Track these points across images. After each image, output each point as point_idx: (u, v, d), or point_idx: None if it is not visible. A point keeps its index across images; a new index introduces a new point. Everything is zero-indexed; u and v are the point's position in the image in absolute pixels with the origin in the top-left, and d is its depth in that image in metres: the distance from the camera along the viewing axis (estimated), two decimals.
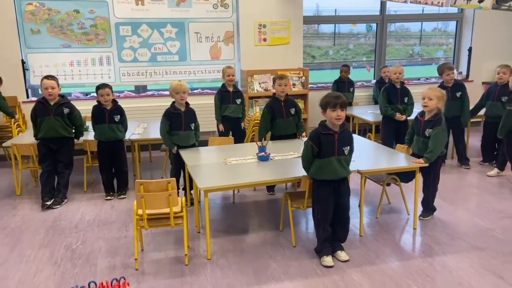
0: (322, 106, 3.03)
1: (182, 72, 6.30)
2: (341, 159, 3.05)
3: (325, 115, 3.02)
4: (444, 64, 5.39)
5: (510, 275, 2.92)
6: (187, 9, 6.13)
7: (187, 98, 4.07)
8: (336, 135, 3.01)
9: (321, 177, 3.08)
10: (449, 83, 5.08)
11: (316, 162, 3.06)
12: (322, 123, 3.07)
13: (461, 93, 5.05)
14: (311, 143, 3.03)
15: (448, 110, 5.04)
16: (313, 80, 6.85)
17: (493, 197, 4.33)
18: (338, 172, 3.06)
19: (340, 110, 2.96)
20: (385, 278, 2.93)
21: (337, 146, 3.02)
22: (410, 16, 7.65)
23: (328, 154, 3.02)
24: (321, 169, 3.05)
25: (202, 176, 3.36)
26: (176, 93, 3.99)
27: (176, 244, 3.46)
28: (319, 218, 3.15)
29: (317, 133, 3.04)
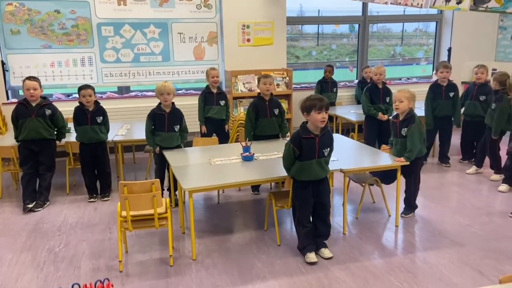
0: (305, 109, 3.03)
1: (166, 72, 6.28)
2: (321, 161, 3.09)
3: (309, 118, 3.04)
4: (441, 62, 5.49)
5: (488, 270, 3.00)
6: (170, 10, 6.11)
7: (173, 99, 4.07)
8: (317, 138, 3.04)
9: (301, 178, 3.12)
10: (443, 82, 5.15)
11: (296, 163, 3.09)
12: (304, 126, 3.09)
13: (454, 93, 5.13)
14: (292, 146, 3.06)
15: (440, 109, 5.15)
16: (297, 80, 6.90)
17: (472, 194, 4.44)
18: (318, 174, 3.10)
19: (325, 112, 3.00)
20: (368, 274, 2.98)
21: (318, 149, 3.05)
22: (392, 17, 7.77)
23: (309, 157, 3.05)
24: (301, 170, 3.09)
25: (187, 177, 3.37)
26: (160, 94, 3.98)
27: (161, 245, 3.45)
28: (298, 215, 3.20)
29: (298, 136, 3.06)
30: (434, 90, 5.17)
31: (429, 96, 5.17)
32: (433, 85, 5.24)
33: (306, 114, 3.04)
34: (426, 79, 7.63)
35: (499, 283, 1.78)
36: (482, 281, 2.86)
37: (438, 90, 5.15)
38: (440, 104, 5.14)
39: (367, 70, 6.47)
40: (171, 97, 4.02)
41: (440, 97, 5.13)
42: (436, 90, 5.16)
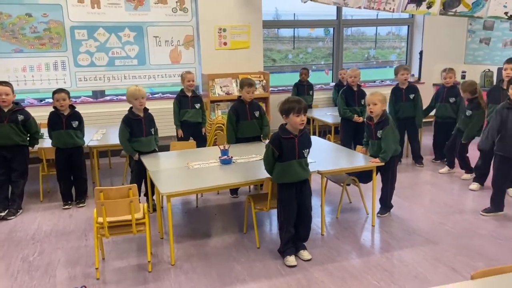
0: (284, 111, 3.05)
1: (142, 76, 6.22)
2: (301, 162, 3.12)
3: (288, 120, 3.06)
4: (400, 65, 5.65)
5: (461, 266, 3.10)
6: (146, 13, 6.06)
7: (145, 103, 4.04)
8: (296, 138, 3.07)
9: (284, 180, 3.13)
10: (404, 84, 5.31)
11: (277, 165, 3.12)
12: (282, 127, 3.12)
13: (414, 95, 5.30)
14: (272, 147, 3.08)
15: (402, 111, 5.32)
16: (274, 83, 6.95)
17: (445, 193, 4.57)
18: (299, 175, 3.13)
19: (304, 115, 3.03)
20: (345, 274, 3.03)
21: (298, 149, 3.08)
22: (365, 21, 7.93)
23: (289, 158, 3.08)
24: (283, 172, 3.11)
25: (164, 181, 3.34)
26: (135, 98, 3.93)
27: (139, 251, 3.41)
28: (282, 219, 3.21)
29: (277, 137, 3.08)
30: (396, 93, 5.35)
31: (392, 99, 5.33)
32: (394, 89, 5.41)
33: (285, 116, 3.06)
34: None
35: (471, 279, 1.84)
36: (455, 277, 2.94)
37: (399, 93, 5.32)
38: (402, 106, 5.30)
39: (342, 72, 6.58)
40: (145, 101, 3.98)
41: (401, 100, 5.30)
42: (397, 93, 5.33)
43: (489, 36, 7.32)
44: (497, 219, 3.87)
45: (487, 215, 3.94)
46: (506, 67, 4.28)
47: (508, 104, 3.69)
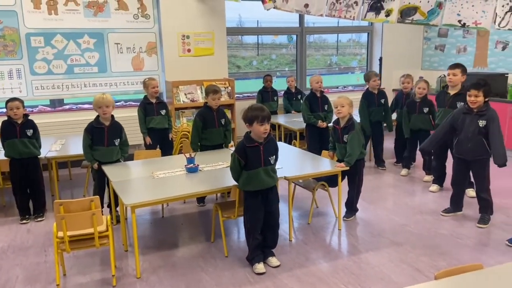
0: (248, 120, 3.03)
1: (103, 84, 6.05)
2: (268, 169, 3.12)
3: (251, 129, 3.05)
4: (371, 71, 5.81)
5: (424, 266, 3.18)
6: (106, 19, 5.91)
7: (113, 111, 3.93)
8: (261, 146, 3.07)
9: (250, 188, 3.12)
10: (375, 90, 5.46)
11: (244, 173, 3.10)
12: (247, 135, 3.10)
13: (384, 99, 5.47)
14: (237, 156, 3.06)
15: (374, 115, 5.47)
16: (239, 90, 6.95)
17: (407, 195, 4.71)
18: (265, 182, 3.12)
19: (267, 123, 3.02)
20: (314, 279, 3.04)
21: (263, 157, 3.08)
22: (327, 28, 8.09)
23: (255, 166, 3.06)
24: (249, 180, 3.09)
25: (128, 192, 3.25)
26: (99, 107, 3.82)
27: (102, 265, 3.29)
28: (249, 227, 3.19)
29: (242, 146, 3.07)
30: (368, 97, 5.48)
31: (364, 104, 5.45)
32: (366, 93, 5.55)
33: (249, 125, 3.05)
34: (360, 87, 8.01)
35: (434, 279, 1.89)
36: (419, 278, 3.02)
37: (371, 97, 5.47)
38: (374, 110, 5.46)
39: (290, 79, 6.68)
40: (111, 110, 3.87)
41: (374, 104, 5.45)
42: (370, 97, 5.48)
43: (444, 43, 7.65)
44: (457, 219, 4.03)
45: (447, 215, 4.09)
46: (449, 72, 4.43)
47: (465, 109, 3.84)
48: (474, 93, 3.68)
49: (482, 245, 3.53)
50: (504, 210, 4.10)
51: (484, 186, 3.85)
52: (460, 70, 4.37)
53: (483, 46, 6.94)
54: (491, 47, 6.82)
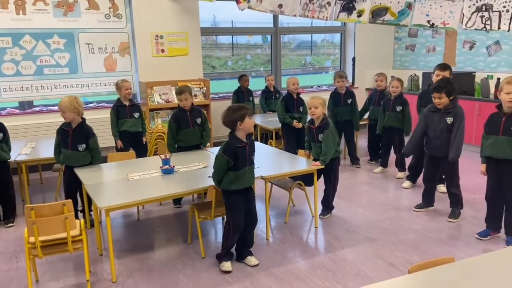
0: (239, 118, 3.00)
1: (74, 85, 5.91)
2: (252, 168, 3.17)
3: (243, 125, 3.03)
4: (337, 72, 5.89)
5: (398, 261, 3.26)
6: (76, 19, 5.78)
7: (84, 114, 3.85)
8: (247, 146, 3.10)
9: (235, 187, 3.10)
10: (342, 90, 5.55)
11: (230, 174, 3.07)
12: (234, 136, 3.08)
13: (351, 100, 5.55)
14: (227, 158, 3.02)
15: (341, 115, 5.56)
16: (214, 90, 6.92)
17: (381, 192, 4.81)
18: (249, 181, 3.17)
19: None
20: (292, 277, 3.07)
21: (248, 157, 3.11)
22: (301, 29, 8.16)
23: (243, 165, 3.08)
24: (236, 180, 3.08)
25: (102, 195, 3.19)
26: (60, 111, 3.77)
27: (76, 270, 3.22)
28: (233, 226, 3.17)
29: (232, 147, 3.04)
30: (334, 97, 5.60)
31: (330, 103, 5.55)
32: (333, 93, 5.65)
33: (240, 122, 3.03)
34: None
35: (408, 273, 1.94)
36: (393, 272, 3.09)
37: (338, 97, 5.57)
38: (340, 110, 5.56)
39: (269, 78, 6.70)
40: (68, 115, 3.70)
41: (340, 104, 5.55)
42: (336, 97, 5.58)
43: (414, 43, 7.85)
44: (428, 214, 4.14)
45: (419, 210, 4.19)
46: (439, 73, 4.36)
47: (433, 108, 3.96)
48: (437, 96, 3.82)
49: (453, 238, 3.64)
50: (473, 205, 4.24)
51: (453, 181, 3.97)
52: (450, 71, 4.40)
53: (452, 46, 7.15)
54: (459, 46, 7.04)
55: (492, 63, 6.56)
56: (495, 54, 6.52)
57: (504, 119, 3.27)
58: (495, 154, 3.34)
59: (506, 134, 3.26)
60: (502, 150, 3.29)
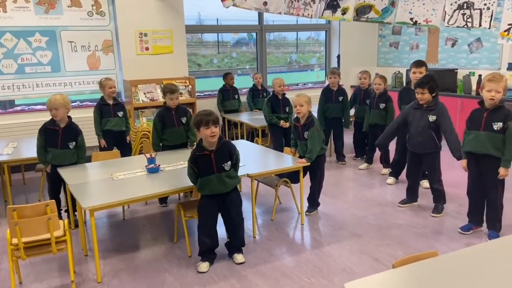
0: (196, 125, 3.03)
1: (57, 84, 5.82)
2: (221, 176, 3.09)
3: (200, 134, 3.05)
4: (331, 68, 5.93)
5: (383, 256, 3.30)
6: (58, 17, 5.69)
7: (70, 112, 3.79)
8: (212, 154, 3.05)
9: (204, 192, 3.14)
10: (334, 87, 5.58)
11: (198, 179, 3.11)
12: (199, 143, 3.10)
13: (343, 97, 5.58)
14: (190, 164, 3.08)
15: (330, 112, 5.59)
16: (200, 88, 6.89)
17: (366, 188, 4.86)
18: (217, 189, 3.11)
19: (214, 126, 2.99)
20: (278, 274, 3.08)
21: (215, 165, 3.06)
22: (286, 26, 8.18)
23: (207, 173, 3.07)
24: (202, 185, 3.11)
25: (87, 195, 3.16)
26: (49, 109, 3.70)
27: (61, 271, 3.18)
28: (199, 229, 3.19)
29: (193, 155, 3.08)
30: (326, 94, 5.62)
31: (321, 100, 5.57)
32: (325, 90, 5.67)
33: (197, 130, 3.06)
34: (320, 84, 8.16)
35: (392, 268, 1.96)
36: (378, 267, 3.13)
37: (329, 94, 5.59)
38: (331, 107, 5.59)
39: (257, 76, 6.71)
40: (61, 112, 3.69)
41: (331, 101, 5.58)
42: (328, 94, 5.61)
43: (398, 40, 7.93)
44: (412, 209, 4.20)
45: (403, 206, 4.25)
46: (415, 70, 4.53)
47: (415, 105, 4.02)
48: (419, 91, 3.88)
49: (437, 233, 3.70)
50: (456, 200, 4.31)
51: (435, 177, 4.04)
52: (425, 67, 4.53)
53: (434, 43, 7.25)
54: (441, 43, 7.14)
55: (474, 60, 6.68)
56: (476, 51, 6.63)
57: (485, 115, 3.33)
58: (476, 149, 3.40)
59: (487, 130, 3.32)
60: (483, 146, 3.35)
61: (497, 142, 3.29)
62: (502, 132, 3.27)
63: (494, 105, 3.28)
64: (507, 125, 3.24)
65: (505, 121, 3.25)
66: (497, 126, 3.27)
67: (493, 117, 3.29)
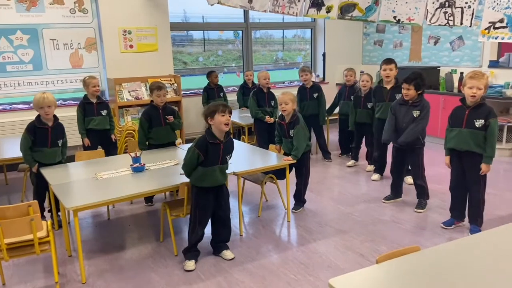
0: (210, 113, 3.01)
1: (39, 82, 5.73)
2: (223, 168, 3.15)
3: (213, 122, 3.02)
4: (301, 66, 5.95)
5: (368, 252, 3.34)
6: (40, 14, 5.60)
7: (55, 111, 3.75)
8: (222, 144, 3.07)
9: (203, 184, 3.10)
10: (308, 84, 5.61)
11: (199, 169, 3.07)
12: (209, 131, 3.07)
13: (317, 94, 5.61)
14: (198, 152, 3.01)
15: (306, 109, 5.62)
16: (186, 87, 6.86)
17: (351, 185, 4.90)
18: (218, 180, 3.14)
19: (229, 115, 3.03)
20: (265, 272, 3.09)
21: (222, 156, 3.09)
22: (272, 24, 8.18)
23: (213, 163, 3.06)
24: (203, 177, 3.07)
25: (70, 195, 3.12)
26: (40, 107, 3.63)
27: (45, 272, 3.14)
28: (194, 222, 3.17)
29: (204, 142, 3.03)
30: (301, 92, 5.66)
31: (297, 98, 5.61)
32: (300, 88, 5.72)
33: (210, 118, 3.02)
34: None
35: (376, 263, 1.99)
36: (363, 263, 3.16)
37: (304, 92, 5.64)
38: (306, 104, 5.62)
39: (248, 73, 6.71)
40: (53, 110, 3.69)
41: (305, 98, 5.62)
42: (302, 92, 5.65)
43: (382, 38, 8.01)
44: (397, 205, 4.25)
45: (387, 202, 4.30)
46: (385, 67, 4.64)
47: (400, 101, 4.07)
48: (406, 87, 3.93)
49: (420, 228, 3.75)
50: (439, 195, 4.38)
51: (419, 173, 4.10)
52: (395, 65, 4.65)
53: (417, 41, 7.35)
54: (424, 42, 7.23)
55: (456, 58, 6.79)
56: (458, 49, 6.74)
57: (467, 112, 3.38)
58: (458, 146, 3.46)
59: (469, 127, 3.37)
60: (464, 142, 3.41)
61: (479, 139, 3.35)
62: (484, 129, 3.33)
63: (476, 102, 3.34)
64: (488, 123, 3.30)
65: (486, 118, 3.31)
66: (479, 123, 3.33)
67: (474, 115, 3.35)
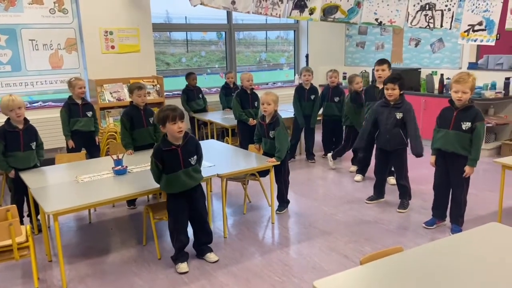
0: (160, 121, 2.95)
1: (17, 84, 5.59)
2: (188, 171, 3.05)
3: (166, 130, 2.97)
4: (304, 66, 5.99)
5: (352, 253, 3.36)
6: (18, 14, 5.47)
7: (25, 113, 3.65)
8: (179, 148, 3.01)
9: (172, 190, 3.07)
10: (307, 85, 5.64)
11: (163, 176, 3.03)
12: (163, 139, 3.02)
13: (314, 96, 5.65)
14: (154, 160, 2.98)
15: (302, 110, 5.64)
16: (169, 88, 6.80)
17: (335, 186, 4.93)
18: (186, 184, 3.07)
19: (180, 122, 2.94)
20: (249, 274, 3.08)
21: (182, 159, 3.01)
22: (255, 25, 8.18)
23: (174, 169, 3.00)
24: (169, 183, 3.04)
25: (50, 199, 3.05)
26: (10, 110, 3.53)
27: (24, 278, 3.06)
28: (172, 229, 3.15)
29: (158, 150, 2.99)
30: (298, 92, 5.67)
31: (295, 97, 5.63)
32: (298, 88, 5.73)
33: (162, 126, 2.98)
34: (289, 83, 8.23)
35: (360, 264, 2.00)
36: (347, 264, 3.18)
37: (302, 92, 5.66)
38: (303, 105, 5.65)
39: (230, 75, 6.70)
40: (23, 111, 3.60)
41: (303, 99, 5.64)
42: (301, 92, 5.66)
43: (364, 40, 8.10)
44: (380, 205, 4.29)
45: (370, 202, 4.34)
46: (378, 68, 4.74)
47: (383, 103, 4.11)
48: (390, 87, 3.97)
49: (403, 228, 3.80)
50: (421, 195, 4.45)
51: (402, 174, 4.15)
52: (388, 65, 4.72)
53: (399, 43, 7.45)
54: (405, 43, 7.34)
55: (436, 60, 6.90)
56: (438, 51, 6.86)
57: (455, 113, 3.42)
58: (445, 147, 3.50)
59: (455, 129, 3.40)
60: (451, 144, 3.45)
61: (465, 141, 3.40)
62: (470, 132, 3.37)
63: (464, 104, 3.38)
64: (475, 126, 3.35)
65: (473, 121, 3.35)
66: (466, 126, 3.37)
67: (462, 117, 3.38)
